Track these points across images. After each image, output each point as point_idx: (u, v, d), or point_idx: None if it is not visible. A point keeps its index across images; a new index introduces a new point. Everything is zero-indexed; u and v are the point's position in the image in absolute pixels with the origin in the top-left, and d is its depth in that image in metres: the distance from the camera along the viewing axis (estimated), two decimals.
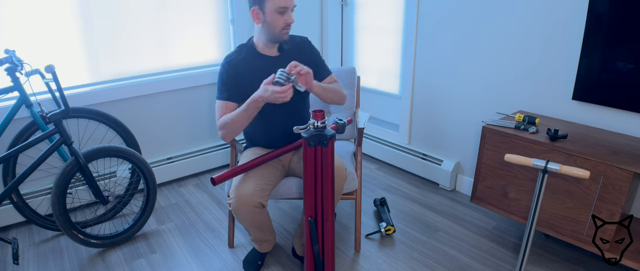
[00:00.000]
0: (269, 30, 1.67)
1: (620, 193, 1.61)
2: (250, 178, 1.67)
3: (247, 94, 1.72)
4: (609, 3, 1.77)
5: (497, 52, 2.26)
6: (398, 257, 2.03)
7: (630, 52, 1.75)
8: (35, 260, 2.03)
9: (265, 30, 1.68)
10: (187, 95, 2.76)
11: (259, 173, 1.70)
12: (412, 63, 2.69)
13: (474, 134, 2.49)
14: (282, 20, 1.64)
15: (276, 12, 1.62)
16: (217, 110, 1.74)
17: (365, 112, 2.20)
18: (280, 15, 1.62)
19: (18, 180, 1.88)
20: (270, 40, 1.71)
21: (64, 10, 2.25)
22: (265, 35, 1.70)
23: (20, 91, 1.99)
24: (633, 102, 1.80)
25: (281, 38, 1.70)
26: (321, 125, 1.49)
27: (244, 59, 1.74)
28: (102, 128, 2.48)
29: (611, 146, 1.73)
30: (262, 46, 1.75)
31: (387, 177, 2.84)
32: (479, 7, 2.27)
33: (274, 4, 1.60)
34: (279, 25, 1.65)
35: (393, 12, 2.84)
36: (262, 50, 1.75)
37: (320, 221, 1.60)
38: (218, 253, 2.08)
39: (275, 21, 1.63)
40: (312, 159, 1.51)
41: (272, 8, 1.61)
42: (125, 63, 2.51)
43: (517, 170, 1.91)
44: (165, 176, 2.75)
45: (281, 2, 1.60)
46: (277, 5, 1.60)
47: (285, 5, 1.61)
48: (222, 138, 1.72)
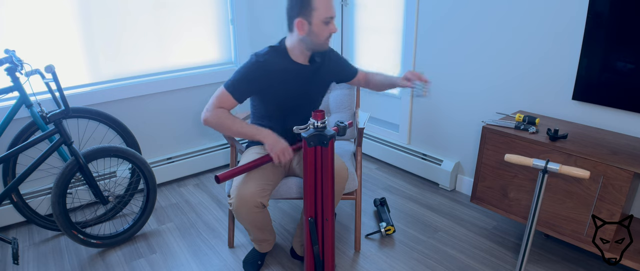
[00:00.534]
0: (313, 40, 1.64)
1: (620, 193, 1.61)
2: (251, 179, 1.67)
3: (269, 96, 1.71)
4: (609, 3, 1.77)
5: (497, 52, 2.26)
6: (398, 257, 2.03)
7: (630, 52, 1.75)
8: (35, 260, 2.03)
9: (308, 40, 1.64)
10: (187, 95, 2.76)
11: (260, 174, 1.70)
12: (412, 63, 2.69)
13: (474, 134, 2.49)
14: (327, 30, 1.63)
15: (323, 23, 1.60)
16: (217, 97, 1.66)
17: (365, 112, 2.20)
18: (325, 25, 1.61)
19: (18, 180, 1.88)
20: (311, 50, 1.69)
21: (64, 10, 2.25)
22: (307, 44, 1.66)
23: (20, 91, 1.99)
24: (633, 102, 1.80)
25: (323, 47, 1.68)
26: (321, 125, 1.49)
27: (277, 64, 1.68)
28: (102, 128, 2.48)
29: (611, 146, 1.73)
30: (298, 53, 1.70)
31: (387, 177, 2.84)
32: (479, 7, 2.27)
33: (321, 15, 1.59)
34: (325, 35, 1.63)
35: (393, 12, 2.84)
36: (296, 58, 1.71)
37: (320, 221, 1.60)
38: (218, 253, 2.08)
39: (321, 31, 1.62)
40: (312, 159, 1.51)
41: (320, 19, 1.59)
42: (125, 63, 2.51)
43: (517, 170, 1.92)
44: (165, 176, 2.75)
45: (328, 13, 1.59)
46: (324, 16, 1.59)
47: (331, 15, 1.61)
48: (204, 122, 1.67)
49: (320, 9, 1.58)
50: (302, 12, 1.60)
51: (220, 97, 1.66)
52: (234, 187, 1.67)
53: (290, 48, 1.70)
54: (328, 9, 1.59)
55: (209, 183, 2.80)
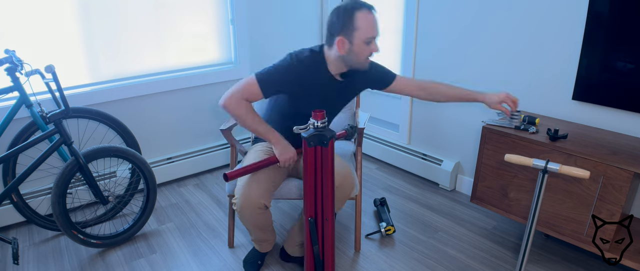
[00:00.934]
0: (353, 59, 1.61)
1: (620, 193, 1.61)
2: (256, 180, 1.66)
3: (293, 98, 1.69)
4: (609, 3, 1.77)
5: (497, 52, 2.26)
6: (398, 257, 2.03)
7: (630, 52, 1.75)
8: (35, 260, 2.03)
9: (348, 59, 1.61)
10: (187, 95, 2.76)
11: (265, 175, 1.70)
12: (412, 63, 2.69)
13: (474, 134, 2.49)
14: (368, 50, 1.59)
15: (364, 43, 1.56)
16: (245, 87, 1.60)
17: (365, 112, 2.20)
18: (367, 45, 1.57)
19: (18, 180, 1.88)
20: (349, 67, 1.66)
21: (64, 10, 2.25)
22: (346, 62, 1.63)
23: (20, 91, 1.99)
24: (633, 102, 1.80)
25: (362, 67, 1.64)
26: (321, 125, 1.49)
27: (312, 73, 1.65)
28: (102, 128, 2.48)
29: (611, 146, 1.73)
30: (334, 69, 1.67)
31: (387, 177, 2.84)
32: (479, 7, 2.27)
33: (363, 35, 1.54)
34: (365, 54, 1.59)
35: (393, 12, 2.84)
36: (332, 71, 1.67)
37: (320, 221, 1.60)
38: (218, 253, 2.08)
39: (362, 51, 1.58)
40: (312, 159, 1.51)
41: (361, 39, 1.55)
42: (125, 63, 2.51)
43: (517, 170, 1.91)
44: (165, 176, 2.75)
45: (370, 33, 1.55)
46: (366, 36, 1.55)
47: (373, 35, 1.56)
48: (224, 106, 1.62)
49: (362, 28, 1.53)
50: (344, 31, 1.55)
51: (249, 88, 1.60)
52: (238, 187, 1.67)
53: (328, 59, 1.66)
54: (371, 29, 1.55)
55: (209, 183, 2.80)
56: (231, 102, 1.60)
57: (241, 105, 1.60)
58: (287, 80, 1.62)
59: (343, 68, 1.67)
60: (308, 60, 1.64)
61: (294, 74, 1.62)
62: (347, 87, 1.76)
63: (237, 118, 1.63)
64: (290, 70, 1.62)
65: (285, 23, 3.08)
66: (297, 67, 1.62)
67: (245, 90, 1.60)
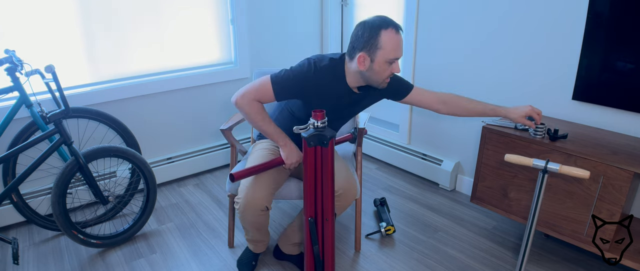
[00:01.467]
0: (372, 77, 1.57)
1: (620, 193, 1.61)
2: (260, 181, 1.66)
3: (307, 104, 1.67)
4: (609, 3, 1.77)
5: (497, 52, 2.26)
6: (398, 257, 2.03)
7: (630, 52, 1.75)
8: (35, 260, 2.03)
9: (367, 76, 1.58)
10: (187, 95, 2.76)
11: (269, 177, 1.69)
12: (412, 63, 2.69)
13: (474, 134, 2.49)
14: (389, 71, 1.55)
15: (386, 62, 1.53)
16: (259, 88, 1.58)
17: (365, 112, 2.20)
18: (389, 65, 1.54)
19: (18, 180, 1.88)
20: (367, 83, 1.63)
21: (64, 10, 2.25)
22: (365, 78, 1.60)
23: (20, 91, 1.99)
24: (633, 102, 1.80)
25: (381, 86, 1.61)
26: (321, 125, 1.49)
27: (330, 83, 1.62)
28: (102, 128, 2.48)
29: (611, 146, 1.73)
30: (353, 81, 1.63)
31: (387, 177, 2.84)
32: (479, 7, 2.27)
33: (386, 55, 1.51)
34: (385, 74, 1.56)
35: (393, 12, 2.84)
36: (350, 83, 1.64)
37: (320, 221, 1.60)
38: (218, 253, 2.08)
39: (383, 71, 1.55)
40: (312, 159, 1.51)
41: (384, 59, 1.52)
42: (125, 63, 2.51)
43: (517, 170, 1.92)
44: (165, 176, 2.75)
45: (394, 54, 1.51)
46: (390, 57, 1.51)
47: (397, 56, 1.53)
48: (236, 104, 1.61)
49: (386, 49, 1.50)
50: (367, 48, 1.52)
51: (263, 89, 1.59)
52: (242, 188, 1.67)
53: (347, 71, 1.62)
54: (395, 50, 1.51)
55: (209, 183, 2.80)
56: (243, 101, 1.59)
57: (252, 106, 1.59)
58: (303, 87, 1.60)
59: (361, 82, 1.63)
60: (327, 70, 1.60)
61: (311, 82, 1.59)
62: (363, 99, 1.75)
63: (247, 117, 1.63)
64: (307, 78, 1.59)
65: (285, 23, 3.08)
66: (315, 76, 1.59)
67: (259, 91, 1.59)
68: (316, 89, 1.61)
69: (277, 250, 1.99)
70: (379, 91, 1.78)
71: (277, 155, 1.80)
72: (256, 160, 1.74)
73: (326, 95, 1.64)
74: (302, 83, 1.59)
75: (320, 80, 1.60)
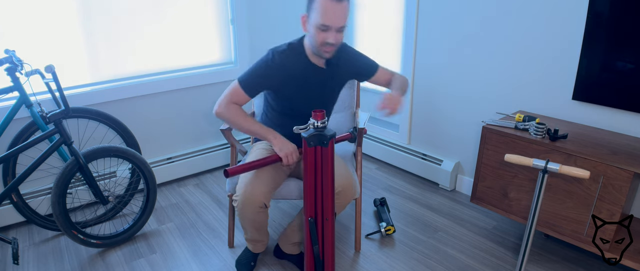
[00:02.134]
0: (311, 43, 1.59)
1: (620, 193, 1.61)
2: (258, 178, 1.66)
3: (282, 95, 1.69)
4: (609, 3, 1.77)
5: (497, 52, 2.26)
6: (398, 257, 2.03)
7: (630, 52, 1.75)
8: (35, 260, 2.03)
9: (310, 42, 1.60)
10: (187, 95, 2.76)
11: (267, 175, 1.70)
12: (412, 63, 2.69)
13: (474, 134, 2.49)
14: (322, 37, 1.53)
15: (317, 28, 1.52)
16: (230, 92, 1.64)
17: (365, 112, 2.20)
18: (322, 31, 1.52)
19: (18, 180, 1.88)
20: (313, 52, 1.63)
21: (64, 10, 2.25)
22: (311, 47, 1.61)
23: (20, 91, 1.99)
24: (633, 102, 1.80)
25: (321, 54, 1.60)
26: (321, 125, 1.49)
27: (293, 65, 1.64)
28: (102, 128, 2.48)
29: (611, 146, 1.73)
30: (311, 54, 1.65)
31: (387, 177, 2.84)
32: (479, 7, 2.27)
33: (317, 19, 1.50)
34: (318, 40, 1.55)
35: (393, 12, 2.84)
36: (312, 58, 1.66)
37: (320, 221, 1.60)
38: (218, 253, 2.08)
39: (316, 36, 1.54)
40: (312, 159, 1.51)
41: (315, 23, 1.51)
42: (125, 63, 2.51)
43: (517, 170, 1.91)
44: (165, 176, 2.75)
45: (322, 20, 1.49)
46: (318, 21, 1.50)
47: (327, 23, 1.49)
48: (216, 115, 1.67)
49: (317, 12, 1.49)
50: (308, 9, 1.55)
51: (233, 92, 1.64)
52: (240, 185, 1.67)
53: (306, 47, 1.64)
54: (324, 16, 1.48)
55: (209, 183, 2.80)
56: (221, 108, 1.64)
57: (230, 109, 1.64)
58: (268, 76, 1.63)
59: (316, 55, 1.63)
60: (286, 52, 1.64)
61: (274, 69, 1.62)
62: (333, 76, 1.74)
63: (229, 121, 1.66)
64: (269, 65, 1.62)
65: (285, 23, 3.08)
66: (275, 61, 1.62)
67: (232, 95, 1.65)
68: (280, 72, 1.63)
69: (277, 249, 2.00)
70: (349, 69, 1.78)
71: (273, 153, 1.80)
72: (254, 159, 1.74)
73: (292, 77, 1.65)
74: (266, 72, 1.63)
75: (282, 63, 1.63)
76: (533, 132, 1.84)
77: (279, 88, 1.68)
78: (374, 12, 2.98)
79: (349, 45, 1.80)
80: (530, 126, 1.87)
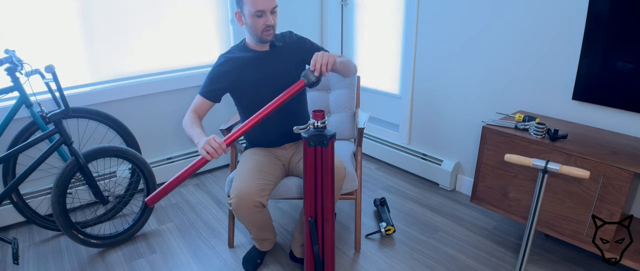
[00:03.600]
0: (251, 31, 1.71)
1: (620, 193, 1.61)
2: (250, 178, 1.67)
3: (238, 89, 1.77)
4: (609, 3, 1.77)
5: (497, 52, 2.26)
6: (398, 257, 2.03)
7: (630, 52, 1.75)
8: (35, 260, 2.03)
9: (248, 31, 1.73)
10: (187, 95, 2.76)
11: (260, 173, 1.70)
12: (412, 63, 2.69)
13: (474, 134, 2.49)
14: (261, 23, 1.67)
15: (254, 16, 1.65)
16: (193, 103, 1.78)
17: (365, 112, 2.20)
18: (258, 18, 1.65)
19: (18, 180, 1.88)
20: (255, 41, 1.76)
21: (64, 10, 2.25)
22: (252, 36, 1.74)
23: (20, 91, 1.99)
24: (633, 102, 1.80)
25: (264, 39, 1.72)
26: (321, 125, 1.49)
27: (238, 57, 1.78)
28: (102, 128, 2.48)
29: (611, 146, 1.73)
30: (254, 44, 1.79)
31: (387, 177, 2.84)
32: (479, 7, 2.27)
33: (249, 8, 1.64)
34: (259, 27, 1.68)
35: (393, 12, 2.84)
36: (254, 47, 1.79)
37: (320, 221, 1.60)
38: (218, 253, 2.08)
39: (255, 24, 1.67)
40: (312, 159, 1.51)
41: (249, 12, 1.65)
42: (125, 63, 2.51)
43: (517, 170, 1.92)
44: (165, 176, 2.75)
45: (255, 6, 1.63)
46: (253, 9, 1.63)
47: (261, 8, 1.63)
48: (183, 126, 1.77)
49: (248, 1, 1.63)
50: (238, 4, 1.69)
51: (196, 101, 1.78)
52: (233, 187, 1.67)
53: (248, 41, 1.80)
54: (255, 3, 1.62)
55: (209, 183, 2.80)
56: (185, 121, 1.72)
57: (186, 116, 1.73)
58: (219, 74, 1.76)
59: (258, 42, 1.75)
60: (231, 50, 1.81)
61: (223, 66, 1.76)
62: (281, 54, 1.80)
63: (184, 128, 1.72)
64: (218, 66, 1.77)
65: (285, 23, 3.08)
66: (224, 60, 1.77)
67: (195, 104, 1.77)
68: (232, 70, 1.76)
69: (291, 253, 2.01)
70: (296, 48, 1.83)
71: (266, 158, 1.81)
72: (243, 168, 1.74)
73: (241, 68, 1.76)
74: (217, 72, 1.76)
75: (231, 58, 1.77)
76: (533, 132, 1.84)
77: (235, 84, 1.77)
78: (374, 13, 2.98)
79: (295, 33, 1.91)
80: (530, 126, 1.87)
